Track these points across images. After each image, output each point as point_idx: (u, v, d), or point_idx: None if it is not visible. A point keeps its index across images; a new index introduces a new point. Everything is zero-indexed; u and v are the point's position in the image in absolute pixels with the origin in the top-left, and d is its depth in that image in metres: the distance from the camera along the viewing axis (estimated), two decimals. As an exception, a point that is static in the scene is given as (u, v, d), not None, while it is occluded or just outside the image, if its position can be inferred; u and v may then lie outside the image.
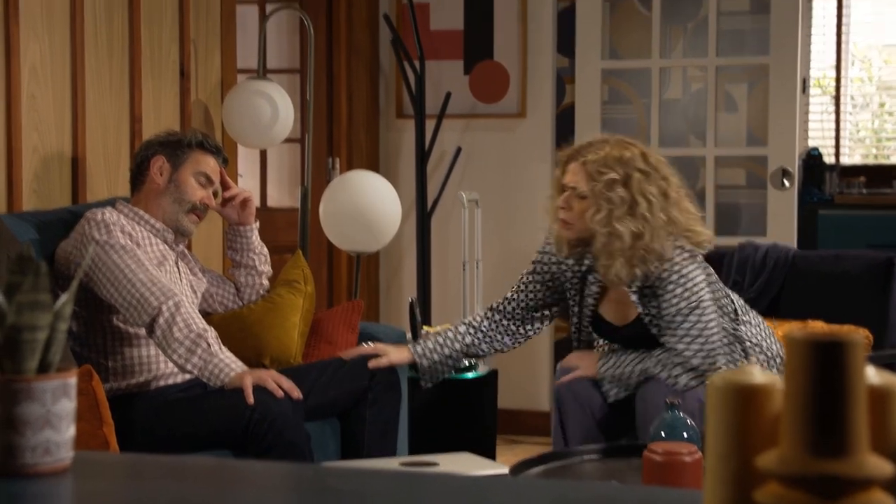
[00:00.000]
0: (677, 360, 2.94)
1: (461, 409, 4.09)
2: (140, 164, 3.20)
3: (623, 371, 3.01)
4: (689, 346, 2.92)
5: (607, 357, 3.06)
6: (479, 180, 4.92)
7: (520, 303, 3.18)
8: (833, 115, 5.69)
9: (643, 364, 2.98)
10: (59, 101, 3.41)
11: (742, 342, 3.03)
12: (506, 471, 2.73)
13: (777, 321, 3.60)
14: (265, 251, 3.41)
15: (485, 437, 4.09)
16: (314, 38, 4.39)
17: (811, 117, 5.65)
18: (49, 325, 1.16)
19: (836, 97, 5.69)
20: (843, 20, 5.66)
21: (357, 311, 3.47)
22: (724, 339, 2.96)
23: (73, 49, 3.45)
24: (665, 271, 2.93)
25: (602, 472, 2.60)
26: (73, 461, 1.16)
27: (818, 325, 3.57)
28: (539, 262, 3.16)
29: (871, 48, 5.91)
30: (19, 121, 3.24)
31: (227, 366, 2.88)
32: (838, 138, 5.67)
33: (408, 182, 4.90)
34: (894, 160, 5.83)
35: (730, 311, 3.06)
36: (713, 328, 2.94)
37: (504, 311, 3.20)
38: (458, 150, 4.83)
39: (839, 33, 5.65)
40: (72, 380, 1.16)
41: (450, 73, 4.97)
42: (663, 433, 2.48)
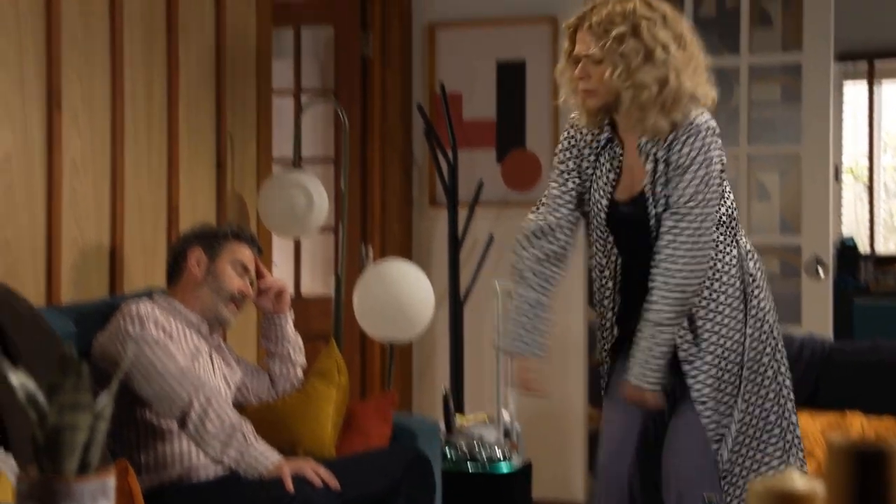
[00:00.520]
0: (649, 328, 2.81)
1: (495, 502, 4.04)
2: (177, 257, 3.23)
3: (639, 358, 2.85)
4: (677, 250, 2.77)
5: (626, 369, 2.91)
6: (511, 268, 4.92)
7: (557, 198, 3.02)
8: (867, 203, 5.68)
9: (639, 348, 2.84)
10: (99, 193, 3.46)
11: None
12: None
13: (815, 412, 3.56)
14: (300, 341, 3.42)
15: (519, 529, 4.05)
16: (348, 129, 4.44)
17: (844, 204, 5.64)
18: (89, 426, 1.17)
19: (870, 185, 5.68)
20: (875, 108, 5.68)
21: (391, 403, 3.46)
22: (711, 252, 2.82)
23: (113, 141, 3.50)
24: (688, 136, 2.84)
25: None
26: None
27: (857, 416, 3.53)
28: (568, 136, 3.04)
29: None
30: (59, 213, 3.28)
31: (265, 456, 2.87)
32: (872, 226, 5.66)
33: (440, 270, 4.91)
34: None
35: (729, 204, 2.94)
36: (709, 225, 2.81)
37: (544, 232, 3.10)
38: (491, 237, 4.85)
39: (871, 121, 5.67)
40: (110, 480, 1.17)
41: (482, 162, 5.01)
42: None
